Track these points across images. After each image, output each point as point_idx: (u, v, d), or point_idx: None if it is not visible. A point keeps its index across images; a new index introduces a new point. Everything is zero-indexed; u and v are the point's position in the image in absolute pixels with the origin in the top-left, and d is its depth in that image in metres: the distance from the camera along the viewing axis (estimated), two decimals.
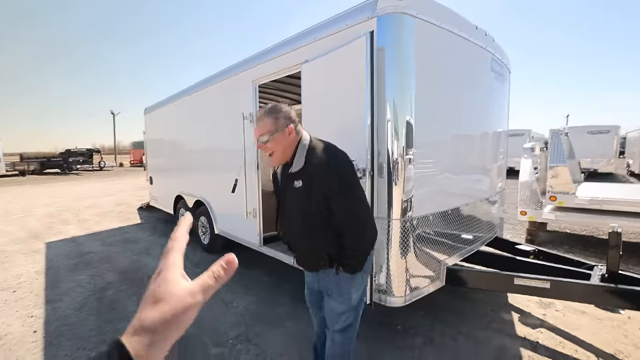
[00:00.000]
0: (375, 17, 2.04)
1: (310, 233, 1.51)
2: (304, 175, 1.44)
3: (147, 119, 6.51)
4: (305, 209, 1.45)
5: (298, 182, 1.45)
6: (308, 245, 1.58)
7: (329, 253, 1.51)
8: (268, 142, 1.44)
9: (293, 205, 1.52)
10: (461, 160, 2.62)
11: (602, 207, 4.07)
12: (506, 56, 3.20)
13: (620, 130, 13.22)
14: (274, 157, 1.49)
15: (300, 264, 1.72)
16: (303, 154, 1.46)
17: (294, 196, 1.49)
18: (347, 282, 1.56)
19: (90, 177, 19.28)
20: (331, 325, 1.66)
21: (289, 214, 1.57)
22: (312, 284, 1.76)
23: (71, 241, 5.26)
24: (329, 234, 1.47)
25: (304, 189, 1.43)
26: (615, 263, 2.10)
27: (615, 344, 2.33)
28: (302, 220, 1.50)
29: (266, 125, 1.43)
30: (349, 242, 1.47)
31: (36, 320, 2.77)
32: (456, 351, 2.24)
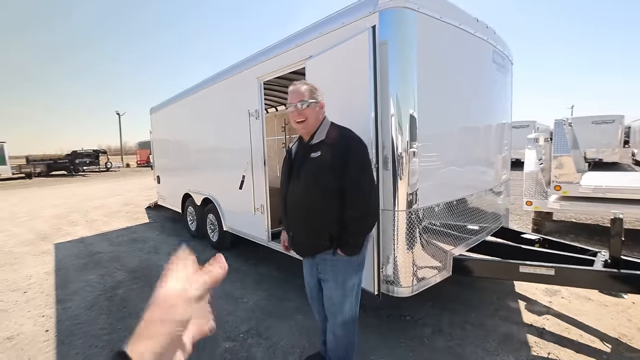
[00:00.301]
0: (377, 12, 2.07)
1: (318, 204, 1.56)
2: (323, 146, 1.58)
3: (153, 119, 6.58)
4: (319, 178, 1.55)
5: (316, 152, 1.58)
6: (314, 219, 1.59)
7: (331, 232, 1.57)
8: (306, 108, 1.58)
9: (307, 175, 1.59)
10: (465, 152, 2.65)
11: (606, 196, 4.08)
12: (508, 48, 3.21)
13: (624, 119, 13.11)
14: (305, 124, 1.61)
15: (298, 246, 1.73)
16: (325, 129, 1.63)
17: (310, 166, 1.58)
18: (343, 266, 1.62)
19: (97, 178, 19.48)
20: (331, 317, 1.70)
21: (300, 186, 1.61)
22: (311, 278, 1.80)
23: (79, 242, 5.35)
24: (336, 207, 1.56)
25: (322, 157, 1.56)
26: (617, 249, 2.14)
27: (619, 328, 2.37)
28: (313, 190, 1.56)
29: (305, 94, 1.59)
30: (353, 214, 1.54)
31: (47, 319, 2.82)
32: (465, 340, 2.29)
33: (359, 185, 1.55)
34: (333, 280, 1.64)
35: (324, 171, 1.54)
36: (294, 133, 5.87)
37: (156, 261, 4.21)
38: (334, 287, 1.65)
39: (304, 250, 1.73)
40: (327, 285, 1.67)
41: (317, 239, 1.61)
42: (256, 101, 3.25)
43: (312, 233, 1.62)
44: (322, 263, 1.66)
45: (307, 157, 1.60)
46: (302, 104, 1.58)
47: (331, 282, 1.65)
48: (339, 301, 1.66)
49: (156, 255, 4.48)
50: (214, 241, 4.52)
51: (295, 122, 1.63)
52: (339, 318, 1.67)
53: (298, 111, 1.59)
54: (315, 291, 1.83)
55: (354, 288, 1.66)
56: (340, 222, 1.57)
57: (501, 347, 2.19)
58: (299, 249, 1.75)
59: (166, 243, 5.06)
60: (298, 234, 1.69)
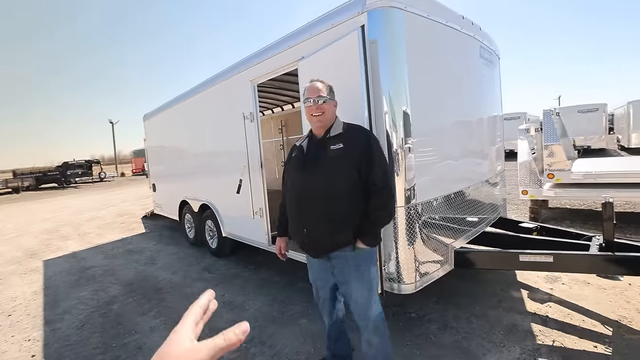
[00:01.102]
0: (365, 12, 2.11)
1: (342, 195, 1.56)
2: (343, 138, 1.61)
3: (146, 126, 6.47)
4: (343, 170, 1.56)
5: (336, 145, 1.59)
6: (337, 211, 1.56)
7: (354, 224, 1.56)
8: (324, 103, 1.62)
9: (329, 167, 1.58)
10: (459, 145, 2.68)
11: (597, 181, 4.18)
12: (494, 43, 3.29)
13: (607, 107, 13.54)
14: (322, 117, 1.63)
15: (315, 244, 1.63)
16: (340, 125, 1.69)
17: (331, 158, 1.58)
18: (365, 259, 1.59)
19: (90, 190, 19.13)
20: (362, 323, 1.64)
21: (319, 179, 1.59)
22: (322, 282, 1.75)
23: (71, 257, 5.18)
24: (359, 198, 1.57)
25: (345, 149, 1.58)
26: (610, 232, 2.19)
27: (618, 311, 2.42)
28: (336, 181, 1.56)
29: (324, 90, 1.65)
30: (377, 203, 1.56)
31: (34, 343, 2.65)
32: (471, 333, 2.30)
33: (384, 177, 1.59)
34: (357, 278, 1.60)
35: (347, 162, 1.56)
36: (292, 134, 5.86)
37: (153, 272, 4.12)
38: (358, 286, 1.60)
39: (322, 247, 1.62)
40: (351, 287, 1.61)
41: (339, 232, 1.58)
42: (251, 104, 3.23)
43: (335, 226, 1.58)
44: (340, 262, 1.61)
45: (326, 150, 1.61)
46: (320, 99, 1.62)
47: (355, 282, 1.60)
48: (366, 302, 1.61)
49: (153, 266, 4.39)
50: (214, 248, 4.47)
51: (311, 116, 1.65)
52: (370, 324, 1.62)
53: (316, 105, 1.62)
54: (327, 295, 1.77)
55: (374, 281, 1.65)
56: (361, 215, 1.58)
57: (507, 338, 2.21)
58: (315, 247, 1.65)
59: (164, 252, 4.97)
60: (316, 229, 1.60)
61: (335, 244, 1.60)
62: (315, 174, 1.60)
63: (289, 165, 1.79)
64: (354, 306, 1.65)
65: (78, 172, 24.39)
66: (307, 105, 1.65)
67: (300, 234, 1.67)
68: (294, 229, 1.74)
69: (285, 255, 1.95)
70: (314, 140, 1.70)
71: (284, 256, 1.94)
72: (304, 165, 1.66)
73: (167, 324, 2.79)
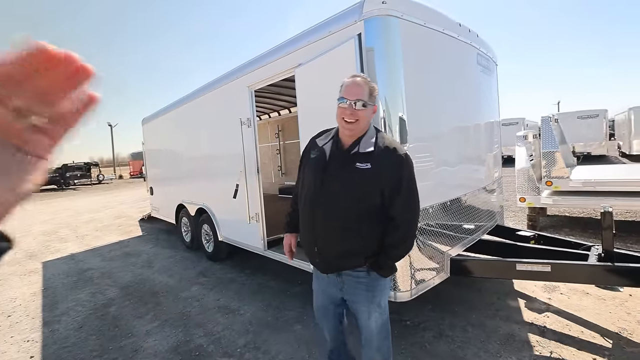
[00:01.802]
0: (362, 20, 2.13)
1: (360, 222, 1.39)
2: (373, 157, 1.38)
3: (145, 129, 6.51)
4: (366, 195, 1.38)
5: (365, 164, 1.37)
6: (353, 238, 1.41)
7: (368, 252, 1.42)
8: (362, 109, 1.36)
9: (349, 188, 1.39)
10: (456, 152, 2.68)
11: (596, 189, 4.16)
12: (491, 50, 3.30)
13: (608, 113, 13.51)
14: (354, 126, 1.38)
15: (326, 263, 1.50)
16: (373, 137, 1.43)
17: (355, 179, 1.38)
18: (378, 285, 1.47)
19: (89, 192, 19.16)
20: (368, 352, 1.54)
21: (338, 199, 1.41)
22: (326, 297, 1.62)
23: (70, 259, 5.19)
24: (378, 227, 1.41)
25: (372, 171, 1.36)
26: (609, 242, 2.16)
27: (618, 322, 2.39)
28: (355, 205, 1.39)
29: (365, 93, 1.38)
30: (399, 236, 1.40)
31: (33, 345, 2.67)
32: (467, 342, 2.27)
33: (412, 209, 1.42)
34: (368, 302, 1.47)
35: (372, 187, 1.37)
36: (288, 139, 5.86)
37: (149, 275, 4.12)
38: (370, 310, 1.48)
39: (333, 266, 1.51)
40: (362, 310, 1.50)
41: (351, 258, 1.44)
42: (248, 109, 3.25)
43: (348, 252, 1.43)
44: (352, 281, 1.48)
45: (351, 166, 1.39)
46: (358, 102, 1.35)
47: (366, 306, 1.48)
48: (379, 330, 1.49)
49: (149, 269, 4.38)
50: (210, 252, 4.45)
51: (342, 120, 1.39)
52: (379, 356, 1.51)
53: (351, 110, 1.35)
54: (330, 309, 1.64)
55: (387, 308, 1.52)
56: (379, 241, 1.42)
57: (503, 349, 2.18)
58: (326, 266, 1.52)
59: (160, 255, 4.96)
60: (329, 249, 1.46)
61: (347, 266, 1.47)
62: (334, 190, 1.41)
63: (306, 166, 1.57)
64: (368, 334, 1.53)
65: (77, 174, 24.43)
66: (340, 106, 1.39)
67: (310, 248, 1.53)
68: (305, 240, 1.57)
69: (294, 252, 1.74)
70: (339, 148, 1.46)
71: (293, 254, 1.73)
72: (324, 174, 1.44)
73: (162, 328, 2.77)
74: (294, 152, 5.89)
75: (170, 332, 2.69)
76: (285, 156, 6.31)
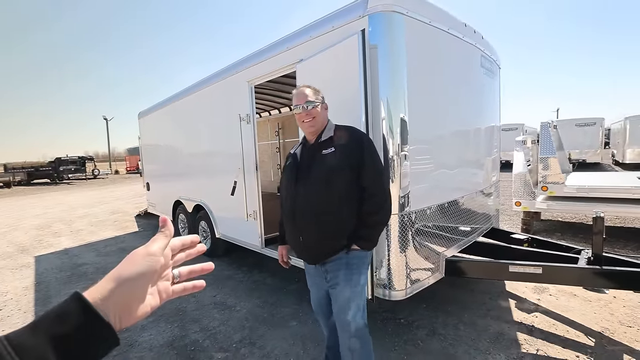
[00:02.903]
0: (366, 16, 2.09)
1: (336, 201, 1.53)
2: (335, 142, 1.59)
3: (141, 124, 6.44)
4: (335, 174, 1.53)
5: (329, 149, 1.57)
6: (331, 218, 1.53)
7: (349, 229, 1.54)
8: (312, 108, 1.60)
9: (321, 172, 1.55)
10: (456, 154, 2.69)
11: (589, 195, 4.24)
12: (495, 53, 3.29)
13: (604, 122, 13.68)
14: (313, 122, 1.61)
15: (310, 250, 1.62)
16: (332, 128, 1.66)
17: (324, 163, 1.56)
18: (357, 262, 1.57)
19: (84, 186, 18.95)
20: (344, 327, 1.57)
21: (313, 186, 1.56)
22: (318, 290, 1.73)
23: (63, 253, 5.13)
24: (354, 203, 1.55)
25: (337, 152, 1.55)
26: (599, 246, 2.21)
27: (602, 322, 2.46)
28: (329, 187, 1.53)
29: (312, 94, 1.62)
30: (372, 208, 1.54)
31: None
32: (458, 340, 2.31)
33: (378, 179, 1.57)
34: (345, 280, 1.56)
35: (340, 166, 1.53)
36: (289, 137, 5.86)
37: None
38: (346, 287, 1.57)
39: (317, 254, 1.62)
40: (338, 290, 1.58)
41: (335, 239, 1.56)
42: (247, 105, 3.23)
43: (330, 235, 1.56)
44: (333, 266, 1.59)
45: (318, 155, 1.59)
46: (308, 104, 1.59)
47: (343, 284, 1.56)
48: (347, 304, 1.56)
49: None
50: (207, 249, 4.43)
51: (302, 123, 1.63)
52: (352, 325, 1.55)
53: (305, 112, 1.59)
54: (323, 302, 1.74)
55: (364, 288, 1.62)
56: (358, 218, 1.55)
57: (493, 346, 2.22)
58: (311, 254, 1.64)
59: None
60: (311, 236, 1.58)
61: (330, 250, 1.58)
62: (308, 182, 1.57)
63: (283, 176, 1.77)
64: (338, 309, 1.58)
65: (71, 168, 24.12)
66: (296, 112, 1.63)
67: (296, 243, 1.66)
68: (290, 238, 1.72)
69: (289, 262, 1.92)
70: (307, 147, 1.68)
71: (286, 264, 1.91)
72: (297, 175, 1.63)
73: (158, 323, 2.77)
74: None
75: (165, 327, 2.69)
76: (285, 154, 6.31)
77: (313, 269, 1.71)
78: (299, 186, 1.59)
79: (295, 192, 1.60)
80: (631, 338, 2.25)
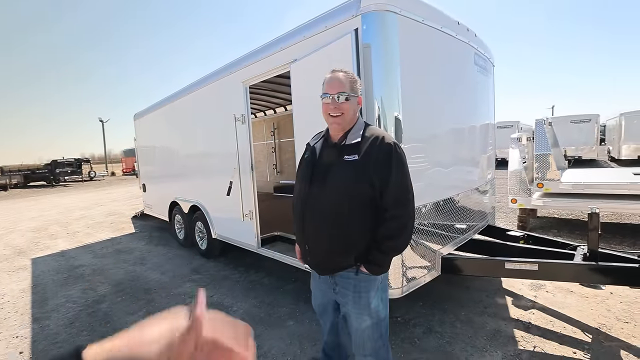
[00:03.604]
0: (359, 15, 2.09)
1: (349, 216, 1.35)
2: (360, 148, 1.36)
3: (137, 125, 6.42)
4: (354, 187, 1.35)
5: (352, 155, 1.36)
6: (341, 234, 1.37)
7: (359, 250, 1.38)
8: (345, 101, 1.36)
9: (339, 181, 1.36)
10: (451, 152, 2.70)
11: (585, 191, 4.25)
12: (489, 50, 3.30)
13: (599, 118, 13.74)
14: (340, 119, 1.38)
15: (316, 263, 1.49)
16: (361, 129, 1.42)
17: (344, 171, 1.36)
18: (366, 286, 1.41)
19: (80, 188, 18.84)
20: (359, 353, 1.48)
21: (327, 194, 1.38)
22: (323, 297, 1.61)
23: (60, 255, 5.11)
24: (369, 221, 1.36)
25: (361, 162, 1.34)
26: (595, 242, 2.21)
27: (599, 318, 2.47)
28: (345, 200, 1.35)
29: (346, 84, 1.37)
30: (392, 232, 1.34)
31: (22, 340, 2.64)
32: (455, 338, 2.32)
33: (404, 201, 1.35)
34: (354, 303, 1.43)
35: (360, 179, 1.33)
36: (284, 137, 5.85)
37: (142, 272, 4.08)
38: (356, 312, 1.44)
39: (323, 266, 1.49)
40: (351, 313, 1.46)
41: (341, 256, 1.39)
42: (242, 105, 3.23)
43: (337, 250, 1.39)
44: (342, 282, 1.45)
45: (339, 160, 1.37)
46: (340, 95, 1.35)
47: (352, 307, 1.44)
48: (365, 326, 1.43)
49: (142, 266, 4.35)
50: (203, 249, 4.43)
51: (328, 116, 1.39)
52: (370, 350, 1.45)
53: (335, 104, 1.36)
54: (329, 309, 1.63)
55: (379, 310, 1.45)
56: (371, 238, 1.37)
57: (490, 343, 2.23)
58: (317, 266, 1.51)
59: (153, 253, 4.92)
60: (318, 249, 1.44)
61: (338, 267, 1.43)
62: (322, 188, 1.39)
63: (299, 168, 1.59)
64: (352, 333, 1.49)
65: (67, 170, 23.99)
66: (324, 102, 1.39)
67: (302, 248, 1.53)
68: (298, 240, 1.58)
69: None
70: (328, 143, 1.46)
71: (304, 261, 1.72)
72: (312, 173, 1.44)
73: None
74: (289, 150, 5.89)
75: None
76: (281, 154, 6.30)
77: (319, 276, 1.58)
78: (313, 188, 1.42)
79: (307, 194, 1.43)
80: (628, 334, 2.26)
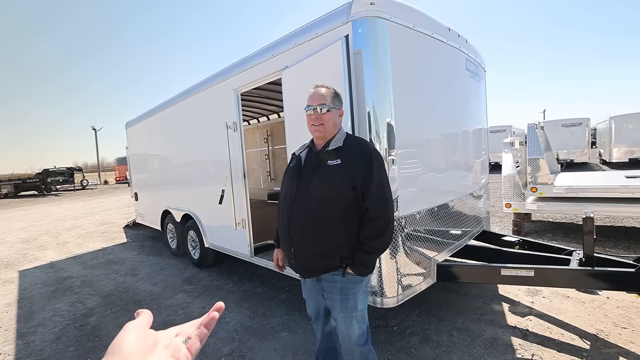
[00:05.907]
0: (350, 22, 2.10)
1: (333, 218, 1.42)
2: (342, 154, 1.46)
3: (129, 133, 6.36)
4: (337, 190, 1.42)
5: (335, 160, 1.45)
6: (326, 235, 1.43)
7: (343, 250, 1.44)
8: (326, 112, 1.47)
9: (323, 185, 1.44)
10: (444, 158, 2.69)
11: (578, 195, 4.27)
12: (480, 56, 3.33)
13: (590, 122, 13.96)
14: (322, 128, 1.49)
15: (302, 266, 1.53)
16: (342, 137, 1.53)
17: (327, 174, 1.45)
18: (352, 287, 1.48)
19: (72, 197, 18.55)
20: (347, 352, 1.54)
21: (311, 198, 1.46)
22: (314, 304, 1.67)
23: (49, 267, 4.99)
24: (352, 223, 1.44)
25: (342, 166, 1.43)
26: (590, 247, 2.21)
27: (596, 324, 2.44)
28: (328, 202, 1.42)
29: (327, 97, 1.49)
30: (373, 232, 1.42)
31: (5, 357, 2.56)
32: (452, 347, 2.27)
33: (383, 202, 1.43)
34: (342, 307, 1.49)
35: (343, 181, 1.41)
36: (277, 144, 5.82)
37: (133, 283, 3.98)
38: (342, 315, 1.50)
39: (309, 270, 1.53)
40: (339, 317, 1.52)
41: (327, 257, 1.45)
42: (234, 113, 3.20)
43: (323, 251, 1.45)
44: (329, 286, 1.51)
45: (322, 165, 1.47)
46: (322, 107, 1.47)
47: (339, 309, 1.50)
48: (349, 332, 1.49)
49: (133, 277, 4.24)
50: (196, 259, 4.35)
51: (311, 126, 1.51)
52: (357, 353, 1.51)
53: (317, 115, 1.47)
54: (322, 314, 1.68)
55: (364, 312, 1.53)
56: (355, 239, 1.45)
57: (487, 352, 2.19)
58: (303, 269, 1.55)
59: (145, 263, 4.81)
60: (303, 251, 1.49)
61: (323, 268, 1.49)
62: (307, 192, 1.47)
63: (284, 176, 1.66)
64: (341, 340, 1.55)
65: (59, 179, 23.61)
66: (307, 113, 1.51)
67: (287, 253, 1.57)
68: (283, 245, 1.62)
69: (284, 267, 1.79)
70: (312, 152, 1.56)
71: (281, 268, 1.79)
72: (298, 179, 1.52)
73: None
74: (283, 157, 5.86)
75: None
76: (275, 161, 6.27)
77: (309, 282, 1.62)
78: (299, 191, 1.50)
79: (292, 199, 1.50)
80: (626, 340, 2.23)
